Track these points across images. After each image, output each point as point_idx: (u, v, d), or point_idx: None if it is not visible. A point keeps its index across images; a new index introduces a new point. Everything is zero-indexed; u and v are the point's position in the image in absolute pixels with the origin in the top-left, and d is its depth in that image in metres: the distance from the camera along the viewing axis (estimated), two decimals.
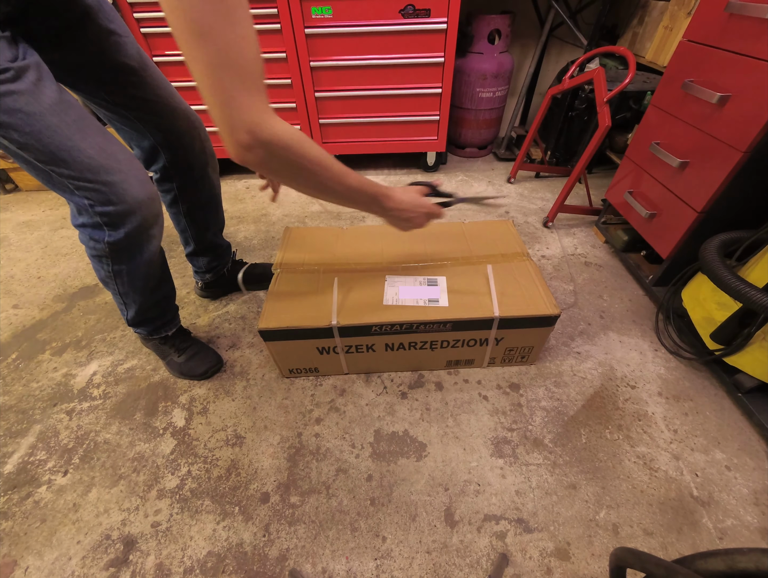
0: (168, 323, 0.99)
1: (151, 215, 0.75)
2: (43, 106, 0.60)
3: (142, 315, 0.92)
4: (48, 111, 0.60)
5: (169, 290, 0.95)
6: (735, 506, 0.77)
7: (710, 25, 0.94)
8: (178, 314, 1.03)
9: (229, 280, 1.23)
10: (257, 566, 0.72)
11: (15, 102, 0.58)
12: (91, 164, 0.65)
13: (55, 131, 0.61)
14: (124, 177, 0.69)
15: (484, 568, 0.71)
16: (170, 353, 1.02)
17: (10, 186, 1.93)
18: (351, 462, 0.86)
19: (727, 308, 0.87)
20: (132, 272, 0.81)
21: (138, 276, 0.82)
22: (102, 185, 0.67)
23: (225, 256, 1.19)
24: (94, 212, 0.69)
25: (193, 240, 1.07)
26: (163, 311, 0.96)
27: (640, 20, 1.67)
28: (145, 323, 0.95)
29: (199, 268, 1.17)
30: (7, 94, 0.57)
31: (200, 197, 1.00)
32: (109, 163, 0.67)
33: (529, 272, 0.96)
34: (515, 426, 0.91)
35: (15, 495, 0.82)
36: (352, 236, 1.10)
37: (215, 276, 1.20)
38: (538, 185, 1.87)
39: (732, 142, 0.89)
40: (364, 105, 1.72)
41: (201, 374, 1.02)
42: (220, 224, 1.12)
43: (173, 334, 1.01)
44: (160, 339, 1.00)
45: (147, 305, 0.90)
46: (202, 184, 0.98)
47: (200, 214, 1.03)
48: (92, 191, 0.67)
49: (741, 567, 0.30)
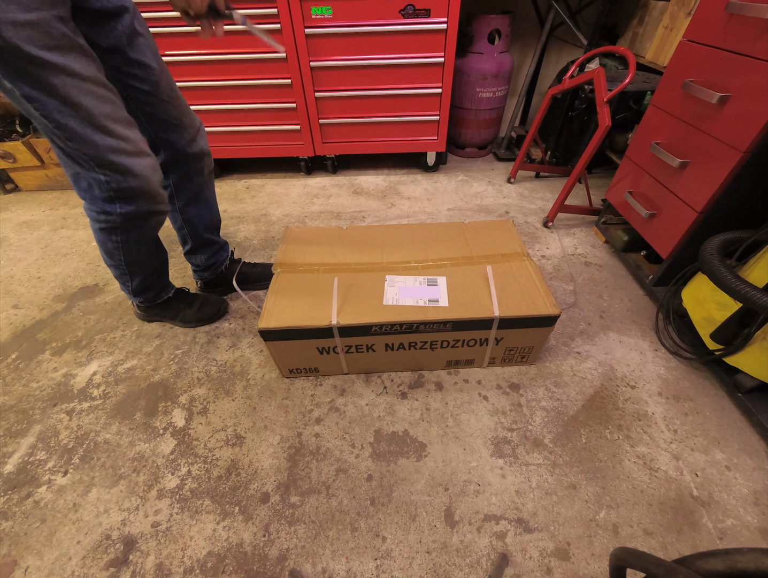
0: (166, 287, 1.10)
1: (159, 194, 0.85)
2: (85, 88, 0.66)
3: (144, 282, 1.02)
4: (89, 94, 0.67)
5: (164, 257, 1.06)
6: (735, 506, 0.77)
7: (710, 25, 0.94)
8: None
9: (228, 278, 1.24)
10: (257, 566, 0.72)
11: (62, 82, 0.63)
12: (116, 147, 0.73)
13: (92, 114, 0.68)
14: (142, 162, 0.78)
15: (484, 568, 0.71)
16: (181, 309, 1.13)
17: (10, 186, 1.93)
18: (351, 462, 0.86)
19: (727, 308, 0.87)
20: (139, 240, 0.90)
21: (143, 243, 0.92)
22: (122, 167, 0.75)
23: (222, 254, 1.21)
24: (109, 187, 0.77)
25: (190, 237, 1.10)
26: (160, 277, 1.07)
27: (640, 20, 1.67)
28: (147, 290, 1.05)
29: (198, 266, 1.19)
30: (55, 74, 0.62)
31: (196, 193, 1.04)
32: (132, 148, 0.75)
33: (529, 272, 0.96)
34: (515, 426, 0.91)
35: (15, 495, 0.82)
36: (352, 236, 1.10)
37: (213, 274, 1.22)
38: (538, 185, 1.87)
39: (732, 143, 0.89)
40: (364, 105, 1.72)
41: (215, 314, 1.17)
42: (216, 222, 1.15)
43: (174, 294, 1.12)
44: (164, 302, 1.11)
45: (150, 270, 1.01)
46: (197, 181, 1.02)
47: (196, 210, 1.06)
48: (112, 171, 0.75)
49: (741, 567, 0.30)
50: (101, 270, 1.41)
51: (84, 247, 1.53)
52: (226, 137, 1.80)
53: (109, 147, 0.72)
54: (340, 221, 1.65)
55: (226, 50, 1.55)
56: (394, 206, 1.74)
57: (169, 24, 1.47)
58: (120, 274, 0.98)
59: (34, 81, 0.61)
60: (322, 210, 1.72)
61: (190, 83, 1.62)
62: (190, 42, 1.52)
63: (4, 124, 1.78)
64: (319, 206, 1.74)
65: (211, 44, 1.53)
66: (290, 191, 1.87)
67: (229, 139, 1.81)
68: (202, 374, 1.04)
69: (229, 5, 0.73)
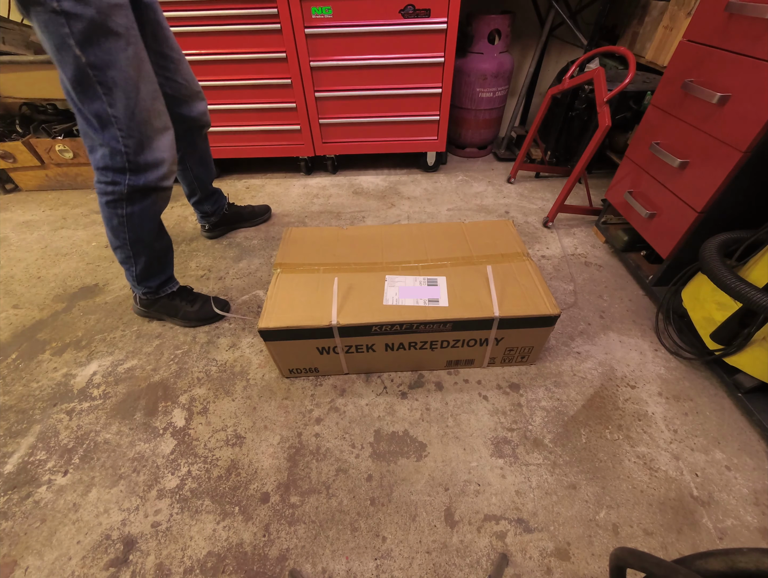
0: (170, 280, 1.13)
1: (170, 171, 0.92)
2: (140, 66, 0.77)
3: (148, 268, 1.05)
4: (143, 71, 0.78)
5: (169, 242, 1.09)
6: (735, 506, 0.77)
7: (710, 25, 0.94)
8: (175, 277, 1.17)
9: (229, 218, 1.54)
10: (257, 566, 0.72)
11: (125, 57, 0.74)
12: (145, 120, 0.81)
13: (139, 89, 0.78)
14: (165, 138, 0.87)
15: (484, 568, 0.71)
16: (183, 306, 1.15)
17: (10, 186, 1.93)
18: (351, 462, 0.86)
19: (727, 308, 0.87)
20: (142, 215, 0.93)
21: (146, 219, 0.95)
22: (146, 141, 0.82)
23: (222, 199, 1.50)
24: (126, 159, 0.83)
25: (199, 190, 1.36)
26: (164, 266, 1.10)
27: (640, 20, 1.67)
28: (151, 278, 1.07)
29: (205, 212, 1.45)
30: (123, 49, 0.73)
31: (200, 153, 1.27)
32: (159, 125, 0.84)
33: (529, 272, 0.96)
34: (515, 426, 0.91)
35: (15, 495, 0.82)
36: (352, 236, 1.10)
37: (218, 217, 1.49)
38: (538, 185, 1.87)
39: (732, 142, 0.89)
40: (364, 105, 1.72)
41: (214, 316, 1.18)
42: (214, 175, 1.41)
43: (178, 289, 1.16)
44: (167, 296, 1.13)
45: (153, 254, 1.04)
46: (201, 144, 1.25)
47: (201, 169, 1.31)
48: (135, 143, 0.81)
49: (741, 567, 0.30)
50: (101, 270, 1.41)
51: (84, 247, 1.53)
52: (226, 137, 1.80)
53: (143, 120, 0.80)
54: (340, 221, 1.65)
55: (226, 50, 1.55)
56: (394, 206, 1.74)
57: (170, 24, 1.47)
58: (125, 257, 1.01)
59: (104, 52, 0.72)
60: (322, 210, 1.72)
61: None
62: (191, 42, 1.53)
63: (4, 125, 1.78)
64: (319, 206, 1.74)
65: (211, 44, 1.53)
66: (290, 191, 1.87)
67: (229, 139, 1.81)
68: (202, 374, 1.04)
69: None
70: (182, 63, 1.03)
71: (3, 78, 1.61)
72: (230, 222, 1.56)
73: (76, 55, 0.70)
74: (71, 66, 0.72)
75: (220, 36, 1.52)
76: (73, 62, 0.71)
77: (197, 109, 1.12)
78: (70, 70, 0.72)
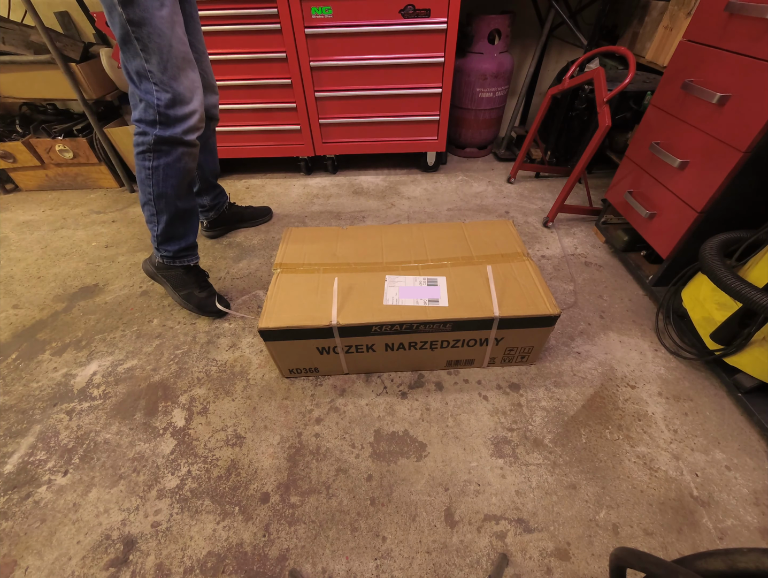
0: (190, 250, 1.13)
1: (196, 126, 0.95)
2: (174, 27, 0.84)
3: (170, 229, 1.06)
4: (176, 33, 0.84)
5: (194, 206, 1.11)
6: (735, 506, 0.77)
7: (710, 25, 0.94)
8: (198, 253, 1.17)
9: (229, 218, 1.54)
10: (257, 566, 0.72)
11: (160, 15, 0.80)
12: (176, 76, 0.87)
13: (172, 47, 0.84)
14: (193, 95, 0.92)
15: (484, 568, 0.71)
16: (192, 287, 1.16)
17: (10, 186, 1.93)
18: (351, 462, 0.86)
19: (727, 308, 0.87)
20: (167, 170, 0.97)
21: (171, 175, 0.98)
22: (177, 96, 0.88)
23: (223, 197, 1.49)
24: (158, 111, 0.88)
25: (199, 179, 1.35)
26: (186, 230, 1.10)
27: (640, 20, 1.67)
28: (171, 240, 1.09)
29: (204, 206, 1.44)
30: (158, 8, 0.79)
31: (207, 144, 1.28)
32: (188, 83, 0.90)
33: (529, 272, 0.96)
34: (515, 426, 0.91)
35: (15, 495, 0.82)
36: (352, 236, 1.10)
37: (217, 214, 1.49)
38: (538, 185, 1.87)
39: (732, 142, 0.89)
40: (364, 105, 1.72)
41: (216, 311, 1.17)
42: (217, 169, 1.40)
43: (195, 266, 1.17)
44: (183, 268, 1.14)
45: (176, 214, 1.05)
46: (210, 135, 1.27)
47: (203, 157, 1.29)
48: (168, 98, 0.87)
49: (741, 567, 0.30)
50: (101, 270, 1.41)
51: (84, 247, 1.53)
52: (226, 137, 1.80)
53: (174, 75, 0.86)
54: (340, 221, 1.65)
55: (226, 50, 1.55)
56: (394, 206, 1.74)
57: None
58: (150, 215, 1.04)
59: (141, 9, 0.78)
60: (322, 210, 1.72)
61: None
62: None
63: (4, 125, 1.78)
64: (319, 206, 1.74)
65: (211, 44, 1.53)
66: (290, 191, 1.87)
67: (229, 139, 1.81)
68: (202, 374, 1.04)
69: None
70: (205, 56, 1.11)
71: (3, 78, 1.61)
72: (231, 222, 1.57)
73: (119, 13, 0.78)
74: (118, 25, 0.80)
75: (220, 36, 1.52)
76: (119, 20, 0.79)
77: (210, 101, 1.17)
78: (117, 29, 0.81)
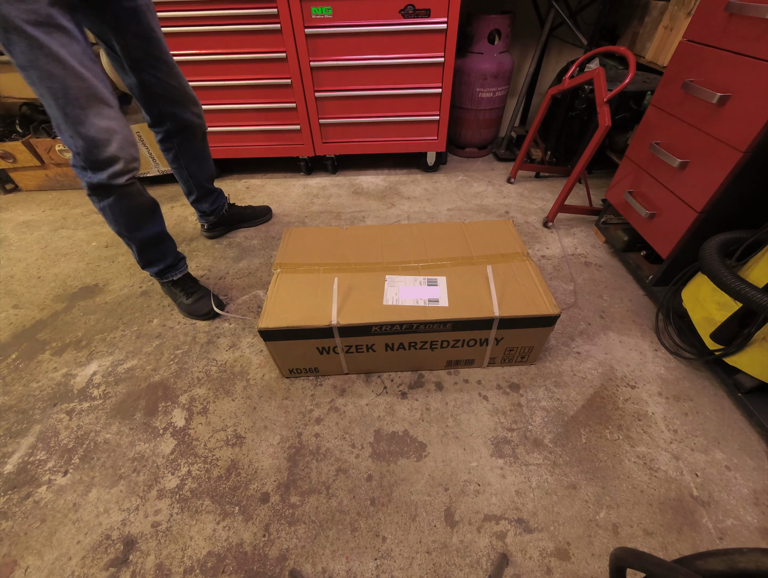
0: (171, 268, 1.15)
1: (123, 170, 0.89)
2: (64, 64, 0.74)
3: (144, 255, 1.08)
4: (68, 70, 0.74)
5: (158, 232, 1.09)
6: (735, 506, 0.77)
7: (710, 25, 0.94)
8: (185, 264, 1.20)
9: (229, 219, 1.54)
10: (257, 566, 0.72)
11: (43, 54, 0.71)
12: (81, 120, 0.79)
13: (67, 88, 0.76)
14: (112, 137, 0.84)
15: (484, 568, 0.71)
16: (179, 295, 1.18)
17: (10, 186, 1.93)
18: (351, 462, 0.86)
19: (727, 308, 0.87)
20: (114, 210, 0.95)
21: (120, 214, 0.96)
22: (88, 141, 0.81)
23: (221, 199, 1.49)
24: (81, 158, 0.84)
25: (196, 188, 1.35)
26: (161, 255, 1.12)
27: (640, 20, 1.67)
28: (151, 265, 1.12)
29: (204, 212, 1.45)
30: (37, 48, 0.70)
31: (196, 152, 1.27)
32: (102, 123, 0.82)
33: (529, 272, 0.96)
34: (515, 426, 0.91)
35: (15, 495, 0.82)
36: (352, 236, 1.10)
37: (217, 217, 1.49)
38: (538, 185, 1.87)
39: (732, 142, 0.89)
40: (364, 105, 1.72)
41: (205, 314, 1.18)
42: (213, 174, 1.39)
43: (180, 279, 1.17)
44: (170, 282, 1.16)
45: (142, 245, 1.05)
46: (195, 143, 1.24)
47: (197, 166, 1.30)
48: (81, 143, 0.82)
49: (741, 567, 0.30)
50: (101, 270, 1.41)
51: (84, 247, 1.53)
52: (226, 137, 1.80)
53: (78, 120, 0.79)
54: (340, 221, 1.65)
55: (226, 50, 1.55)
56: (394, 206, 1.74)
57: (170, 24, 1.47)
58: (124, 242, 1.06)
59: (21, 52, 0.71)
60: (322, 210, 1.72)
61: (190, 83, 1.61)
62: (191, 42, 1.52)
63: (4, 125, 1.78)
64: (319, 206, 1.74)
65: (211, 44, 1.53)
66: (290, 191, 1.87)
67: (229, 139, 1.81)
68: (202, 374, 1.04)
69: None
70: (175, 67, 1.06)
71: (3, 78, 1.61)
72: (231, 222, 1.57)
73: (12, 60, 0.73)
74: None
75: (220, 36, 1.52)
76: (16, 65, 0.74)
77: (191, 112, 1.15)
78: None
